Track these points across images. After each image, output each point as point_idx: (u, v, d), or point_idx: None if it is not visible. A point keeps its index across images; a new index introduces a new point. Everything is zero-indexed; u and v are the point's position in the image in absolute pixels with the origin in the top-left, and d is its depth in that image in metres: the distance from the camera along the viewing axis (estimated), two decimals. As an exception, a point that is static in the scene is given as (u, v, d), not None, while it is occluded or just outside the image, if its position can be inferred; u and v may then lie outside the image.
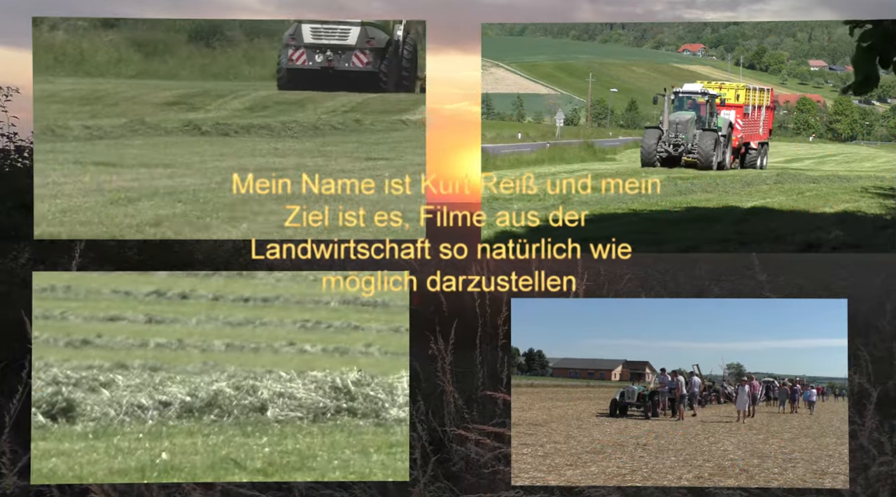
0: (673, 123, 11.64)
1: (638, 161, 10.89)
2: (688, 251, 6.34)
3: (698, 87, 12.14)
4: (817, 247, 6.30)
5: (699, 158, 11.17)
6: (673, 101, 12.17)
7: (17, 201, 7.61)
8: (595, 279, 7.15)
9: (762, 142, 11.86)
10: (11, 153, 8.39)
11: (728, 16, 31.76)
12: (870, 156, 11.17)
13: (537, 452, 4.94)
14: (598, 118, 13.48)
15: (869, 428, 4.98)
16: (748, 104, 11.99)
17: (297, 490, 4.90)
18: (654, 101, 12.16)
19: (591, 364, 6.11)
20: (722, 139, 11.55)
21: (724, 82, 12.22)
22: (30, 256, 8.10)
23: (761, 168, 11.53)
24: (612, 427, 5.62)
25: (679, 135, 11.49)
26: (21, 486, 4.81)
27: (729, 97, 12.03)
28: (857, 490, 4.84)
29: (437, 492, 5.05)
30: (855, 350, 5.80)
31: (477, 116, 5.95)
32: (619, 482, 4.73)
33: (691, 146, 11.42)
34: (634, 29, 15.35)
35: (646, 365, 5.72)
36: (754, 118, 11.98)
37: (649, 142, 11.33)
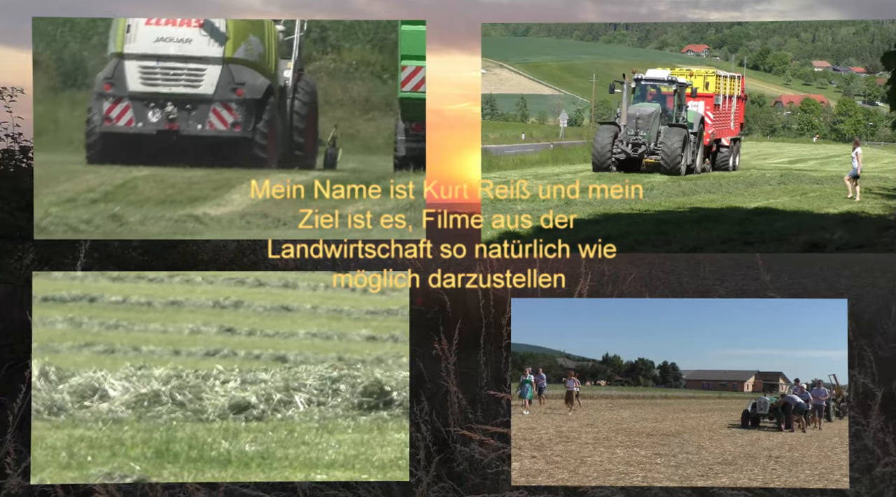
0: (632, 118, 10.03)
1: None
2: (692, 251, 6.35)
3: (665, 74, 10.63)
4: (821, 247, 6.29)
5: (664, 160, 9.54)
6: (634, 91, 10.76)
7: (21, 202, 7.62)
8: (598, 279, 7.17)
9: (734, 138, 10.66)
10: (16, 154, 8.40)
11: (732, 15, 31.75)
12: (873, 157, 11.03)
13: (670, 462, 4.90)
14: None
15: (873, 428, 4.96)
16: (719, 94, 10.64)
17: (300, 490, 4.89)
18: (610, 91, 10.61)
19: (724, 375, 6.06)
20: (692, 137, 9.99)
21: (694, 69, 10.85)
22: (34, 257, 8.12)
23: (733, 168, 10.34)
24: (745, 438, 5.50)
25: (640, 132, 9.85)
26: (25, 486, 4.81)
27: (697, 85, 10.60)
28: (860, 490, 4.83)
29: (440, 492, 5.05)
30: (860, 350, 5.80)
31: (478, 117, 5.96)
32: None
33: (654, 145, 9.77)
34: (638, 29, 15.32)
35: (779, 375, 5.56)
36: (725, 110, 10.70)
37: (602, 141, 9.66)
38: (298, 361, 6.10)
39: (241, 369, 5.70)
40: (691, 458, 4.99)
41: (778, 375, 5.53)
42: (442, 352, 5.63)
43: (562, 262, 6.04)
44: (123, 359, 6.22)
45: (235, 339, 6.69)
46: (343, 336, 6.93)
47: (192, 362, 5.99)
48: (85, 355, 6.32)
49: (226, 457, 4.82)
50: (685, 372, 5.36)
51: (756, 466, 4.87)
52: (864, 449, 4.99)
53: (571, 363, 5.67)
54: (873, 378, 5.47)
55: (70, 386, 5.35)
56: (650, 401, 5.92)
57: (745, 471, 4.82)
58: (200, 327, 6.82)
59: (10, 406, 4.98)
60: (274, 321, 7.18)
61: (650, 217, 6.86)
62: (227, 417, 5.22)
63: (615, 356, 5.40)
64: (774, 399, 5.61)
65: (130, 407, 5.26)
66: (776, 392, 5.59)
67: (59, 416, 5.17)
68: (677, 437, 5.41)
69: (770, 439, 5.42)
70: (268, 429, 5.13)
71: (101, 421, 5.16)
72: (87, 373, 5.50)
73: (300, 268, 7.61)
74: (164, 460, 4.80)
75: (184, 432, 5.07)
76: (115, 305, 7.38)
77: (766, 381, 5.64)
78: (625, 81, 10.59)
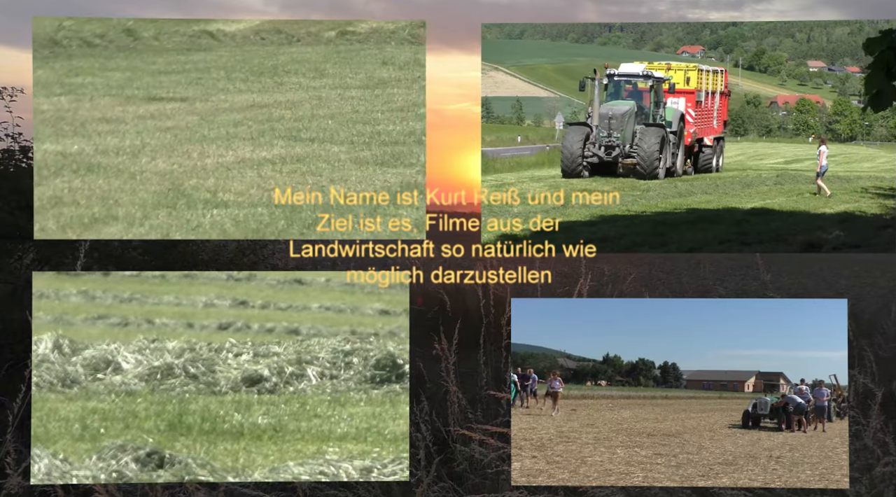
0: (605, 118, 9.25)
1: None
2: (690, 252, 6.36)
3: (640, 69, 9.75)
4: (818, 247, 6.31)
5: (640, 163, 8.74)
6: (606, 87, 9.92)
7: (21, 202, 7.62)
8: (599, 279, 7.18)
9: (717, 137, 9.89)
10: (16, 153, 8.39)
11: (732, 15, 31.82)
12: (869, 156, 11.04)
13: (670, 463, 4.91)
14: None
15: (873, 428, 4.98)
16: (701, 89, 9.79)
17: (300, 490, 4.89)
18: (580, 88, 9.74)
19: (724, 376, 6.05)
20: (671, 137, 9.17)
21: (673, 62, 9.94)
22: (34, 257, 8.11)
23: (717, 170, 9.63)
24: (745, 439, 5.52)
25: (613, 133, 9.10)
26: (25, 486, 4.81)
27: (677, 80, 9.77)
28: (860, 490, 4.84)
29: (440, 492, 5.06)
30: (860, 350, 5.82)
31: (478, 117, 5.97)
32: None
33: (630, 148, 8.99)
34: (633, 31, 15.33)
35: (780, 375, 5.57)
36: (708, 107, 9.90)
37: (572, 143, 8.89)
38: (311, 334, 6.12)
39: (254, 342, 5.73)
40: (692, 459, 5.00)
41: (779, 376, 5.54)
42: (442, 352, 5.63)
43: (561, 262, 6.05)
44: (137, 331, 6.24)
45: (248, 312, 6.71)
46: (356, 310, 6.94)
47: (206, 335, 6.04)
48: (99, 328, 6.33)
49: (238, 429, 4.84)
50: (686, 372, 5.36)
51: (756, 466, 4.88)
52: (864, 449, 5.00)
53: (572, 363, 5.69)
54: (873, 378, 5.49)
55: (83, 358, 5.39)
56: (651, 401, 5.93)
57: (745, 471, 4.82)
58: (214, 300, 6.83)
59: (10, 406, 4.97)
60: (287, 294, 7.20)
61: (647, 218, 6.87)
62: (240, 390, 5.24)
63: (615, 356, 5.41)
64: (775, 399, 5.62)
65: (143, 379, 5.28)
66: (777, 392, 5.60)
67: (73, 388, 5.20)
68: (678, 437, 5.42)
69: (771, 439, 5.44)
70: (280, 402, 5.16)
71: (114, 393, 5.18)
72: (100, 345, 5.53)
73: (300, 267, 7.63)
74: (177, 432, 4.83)
75: (196, 405, 5.09)
76: (128, 279, 7.37)
77: (767, 381, 5.65)
78: (596, 77, 9.71)
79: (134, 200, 5.54)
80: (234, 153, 6.27)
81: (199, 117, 7.07)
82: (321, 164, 5.97)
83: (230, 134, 6.71)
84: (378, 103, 7.57)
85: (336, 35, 7.90)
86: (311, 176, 5.72)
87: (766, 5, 65.09)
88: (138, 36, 6.69)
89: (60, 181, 5.62)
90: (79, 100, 7.05)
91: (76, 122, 6.62)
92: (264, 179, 5.65)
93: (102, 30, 6.21)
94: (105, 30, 6.19)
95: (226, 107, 7.48)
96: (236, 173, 5.81)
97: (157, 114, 7.09)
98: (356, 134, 6.62)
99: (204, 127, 6.84)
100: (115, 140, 6.39)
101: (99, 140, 6.35)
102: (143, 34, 6.87)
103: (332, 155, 6.16)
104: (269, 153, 6.29)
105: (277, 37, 7.89)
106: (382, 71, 8.09)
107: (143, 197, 5.53)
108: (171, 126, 6.77)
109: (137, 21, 6.57)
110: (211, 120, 7.04)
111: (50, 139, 5.93)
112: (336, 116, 7.04)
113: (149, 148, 6.21)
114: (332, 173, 5.79)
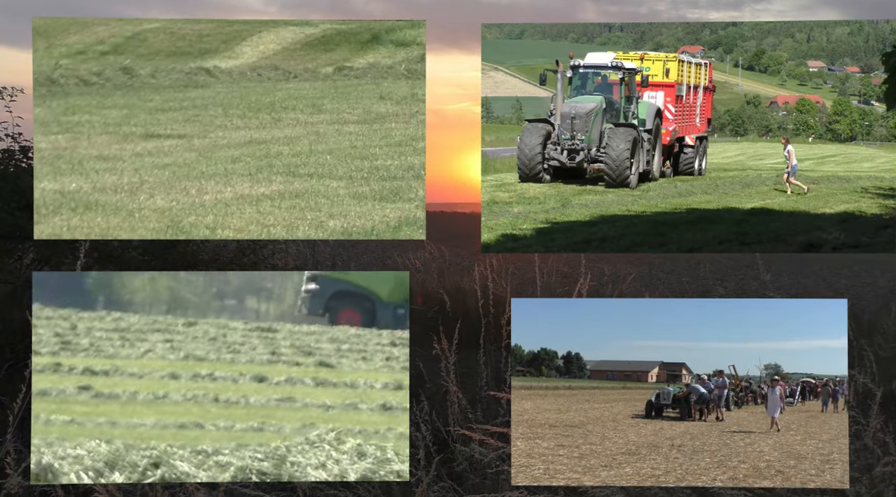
0: (567, 117, 8.07)
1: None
2: (690, 252, 6.36)
3: (609, 59, 8.56)
4: (818, 247, 6.31)
5: (608, 169, 7.54)
6: (571, 80, 8.73)
7: (21, 202, 7.62)
8: (599, 279, 7.19)
9: (700, 136, 8.80)
10: (16, 154, 8.40)
11: (732, 15, 31.80)
12: (869, 156, 11.03)
13: (573, 454, 4.91)
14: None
15: (873, 428, 4.98)
16: (682, 83, 8.63)
17: (300, 490, 4.89)
18: (541, 82, 8.60)
19: (628, 366, 6.05)
20: (645, 136, 7.97)
21: (650, 52, 8.80)
22: (34, 257, 8.12)
23: (699, 173, 8.60)
24: (648, 428, 5.56)
25: (576, 134, 7.92)
26: (25, 486, 4.80)
27: (655, 72, 8.57)
28: (860, 490, 4.84)
29: (440, 492, 5.05)
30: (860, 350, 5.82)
31: (478, 116, 5.98)
32: (653, 483, 4.70)
33: (596, 151, 7.75)
34: (633, 31, 15.32)
35: (682, 366, 5.55)
36: (690, 103, 8.82)
37: (530, 144, 7.89)
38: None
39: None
40: (595, 449, 5.03)
41: (681, 366, 5.61)
42: (442, 351, 5.63)
43: (561, 262, 6.06)
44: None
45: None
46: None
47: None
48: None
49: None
50: (589, 362, 5.39)
51: (659, 456, 4.90)
52: (864, 449, 5.00)
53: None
54: (873, 378, 5.49)
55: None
56: (553, 392, 5.87)
57: (648, 460, 4.84)
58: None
59: (10, 406, 4.97)
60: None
61: (647, 218, 6.86)
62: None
63: (516, 345, 5.38)
64: (678, 389, 5.70)
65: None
66: (679, 382, 5.67)
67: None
68: (581, 427, 5.47)
69: (673, 429, 5.52)
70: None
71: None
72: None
73: (300, 267, 7.63)
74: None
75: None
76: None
77: (670, 371, 5.72)
78: (559, 69, 8.53)
79: (133, 238, 5.54)
80: (233, 189, 6.27)
81: (197, 154, 7.05)
82: (320, 199, 5.98)
83: (228, 170, 6.69)
84: (376, 138, 7.48)
85: (333, 71, 7.89)
86: (310, 211, 5.71)
87: (766, 5, 65.03)
88: (135, 73, 6.70)
89: (59, 219, 5.60)
90: (76, 138, 7.04)
91: (73, 160, 6.64)
92: (263, 215, 5.65)
93: (99, 68, 6.19)
94: (102, 68, 6.18)
95: (224, 143, 7.46)
96: (235, 209, 5.82)
97: (155, 151, 7.07)
98: (355, 169, 6.60)
99: (202, 163, 6.83)
100: (112, 177, 6.37)
101: (97, 178, 6.34)
102: (140, 72, 6.88)
103: (330, 190, 6.15)
104: (268, 189, 6.28)
105: (274, 73, 7.92)
106: (380, 105, 8.00)
107: (142, 234, 5.53)
108: (169, 163, 6.77)
109: (134, 59, 6.58)
110: (209, 156, 7.04)
111: (48, 178, 5.91)
112: (334, 151, 7.02)
113: (147, 185, 6.21)
114: (331, 208, 5.79)
